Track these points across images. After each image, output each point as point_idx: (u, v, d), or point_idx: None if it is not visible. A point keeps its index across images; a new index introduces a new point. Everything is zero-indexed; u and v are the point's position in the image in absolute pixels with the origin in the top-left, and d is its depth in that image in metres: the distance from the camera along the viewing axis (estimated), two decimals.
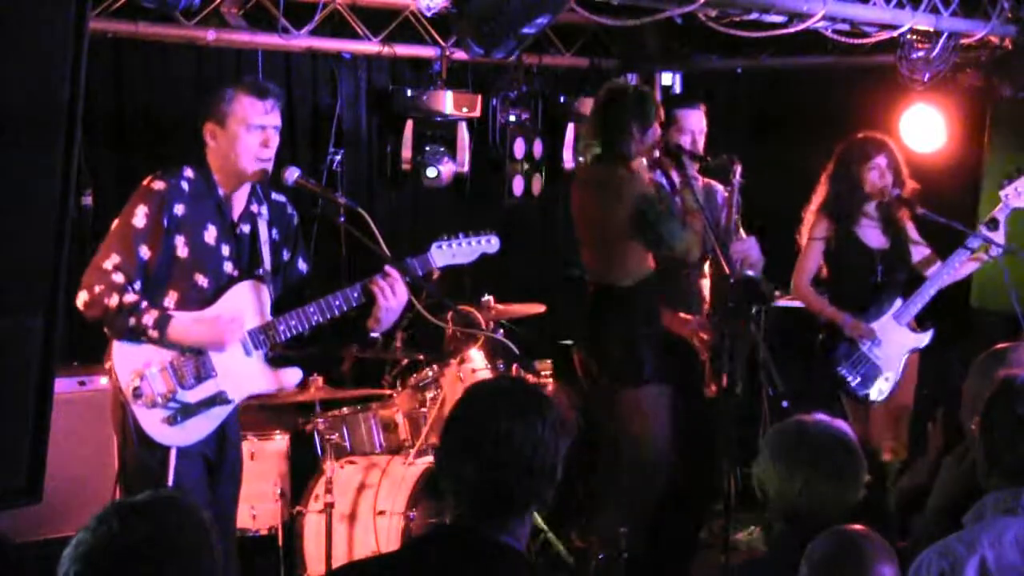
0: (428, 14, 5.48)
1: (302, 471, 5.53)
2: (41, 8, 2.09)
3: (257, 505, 5.30)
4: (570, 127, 7.39)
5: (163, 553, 2.08)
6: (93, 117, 5.66)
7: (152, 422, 3.96)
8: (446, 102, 6.66)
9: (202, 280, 4.08)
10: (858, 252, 5.63)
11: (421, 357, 5.76)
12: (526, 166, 7.25)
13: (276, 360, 4.24)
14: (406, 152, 6.78)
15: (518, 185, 7.22)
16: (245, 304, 4.15)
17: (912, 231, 5.73)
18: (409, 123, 6.77)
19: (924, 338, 5.67)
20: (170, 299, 4.02)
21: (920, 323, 5.70)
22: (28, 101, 2.09)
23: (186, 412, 4.01)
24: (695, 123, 5.44)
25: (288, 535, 5.36)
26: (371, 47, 6.50)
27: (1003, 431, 2.92)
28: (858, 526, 2.69)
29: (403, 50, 6.63)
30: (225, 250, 4.12)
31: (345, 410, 5.65)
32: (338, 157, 6.61)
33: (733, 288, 4.90)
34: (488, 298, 5.94)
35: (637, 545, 5.18)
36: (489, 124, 7.16)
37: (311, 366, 5.88)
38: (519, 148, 7.21)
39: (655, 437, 5.13)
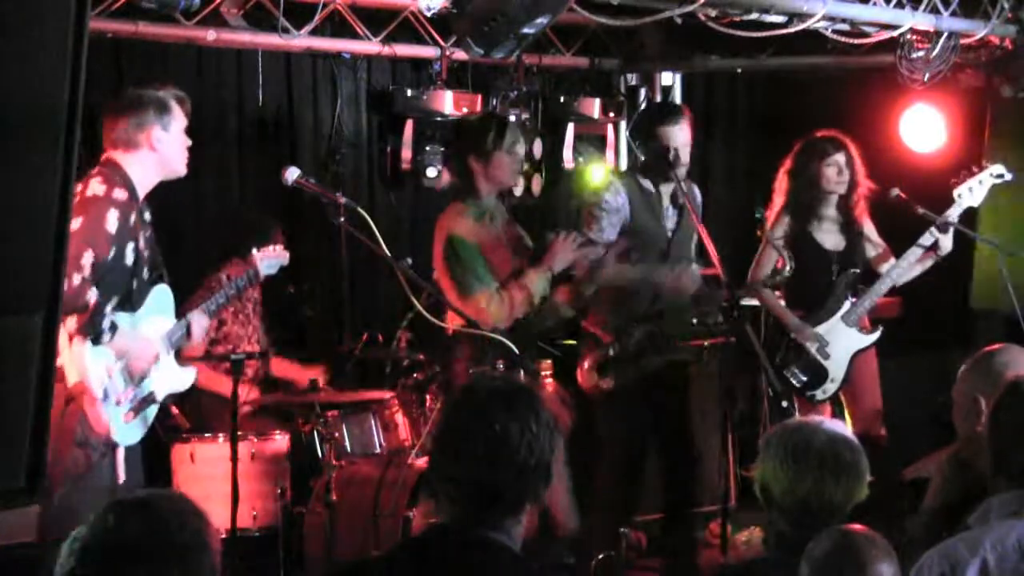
0: (428, 14, 5.49)
1: (302, 471, 5.53)
2: (40, 8, 2.08)
3: (257, 505, 5.30)
4: (570, 127, 7.38)
5: (158, 550, 2.07)
6: (93, 117, 5.66)
7: (114, 420, 4.05)
8: (446, 102, 6.65)
9: (135, 284, 4.17)
10: (814, 253, 5.63)
11: (421, 357, 5.76)
12: (526, 166, 7.24)
13: (181, 360, 4.49)
14: (406, 152, 6.77)
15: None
16: (163, 307, 4.32)
17: (871, 230, 5.74)
18: (409, 123, 6.76)
19: (871, 339, 5.68)
20: (110, 305, 4.07)
21: (873, 321, 5.74)
22: (28, 101, 2.09)
23: (137, 410, 4.15)
24: (677, 138, 5.20)
25: (288, 535, 5.36)
26: (371, 47, 6.50)
27: (1010, 434, 2.91)
28: (858, 526, 2.69)
29: (403, 50, 6.63)
30: (146, 254, 4.23)
31: (345, 410, 5.65)
32: (338, 157, 6.61)
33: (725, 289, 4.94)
34: None
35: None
36: None
37: (312, 366, 5.90)
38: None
39: None
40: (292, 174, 4.45)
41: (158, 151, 4.20)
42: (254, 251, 4.85)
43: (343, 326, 6.44)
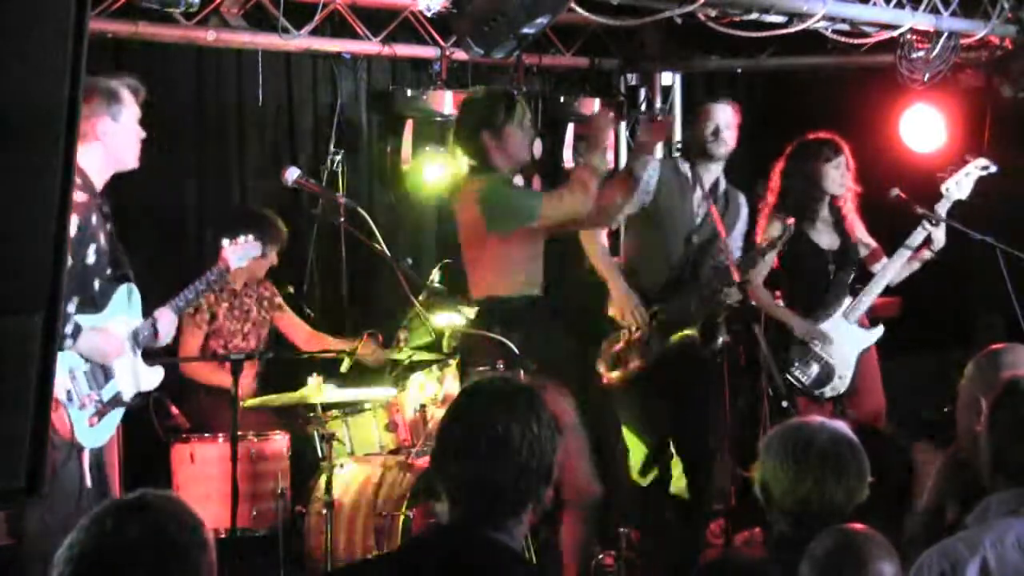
0: (428, 14, 5.49)
1: (302, 471, 5.53)
2: (40, 8, 2.09)
3: (257, 505, 5.30)
4: (570, 127, 7.38)
5: (159, 552, 2.07)
6: None
7: (78, 423, 4.00)
8: (446, 102, 6.64)
9: (97, 284, 4.12)
10: (811, 253, 5.67)
11: (421, 357, 5.75)
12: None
13: (150, 359, 4.41)
14: (406, 152, 6.78)
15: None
16: (129, 306, 4.24)
17: (860, 229, 5.76)
18: (409, 123, 6.76)
19: (873, 335, 5.72)
20: (72, 305, 4.00)
21: (871, 320, 5.77)
22: (28, 101, 2.09)
23: (102, 413, 4.09)
24: (720, 116, 5.39)
25: (288, 535, 5.36)
26: (371, 47, 6.49)
27: (1008, 433, 2.92)
28: (859, 525, 2.69)
29: (403, 50, 6.62)
30: (107, 250, 4.17)
31: (345, 410, 5.65)
32: (338, 157, 6.60)
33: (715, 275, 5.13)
34: None
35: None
36: None
37: (311, 366, 5.89)
38: None
39: None
40: (292, 174, 4.45)
41: (105, 143, 4.11)
42: (224, 244, 4.73)
43: (343, 326, 6.44)
